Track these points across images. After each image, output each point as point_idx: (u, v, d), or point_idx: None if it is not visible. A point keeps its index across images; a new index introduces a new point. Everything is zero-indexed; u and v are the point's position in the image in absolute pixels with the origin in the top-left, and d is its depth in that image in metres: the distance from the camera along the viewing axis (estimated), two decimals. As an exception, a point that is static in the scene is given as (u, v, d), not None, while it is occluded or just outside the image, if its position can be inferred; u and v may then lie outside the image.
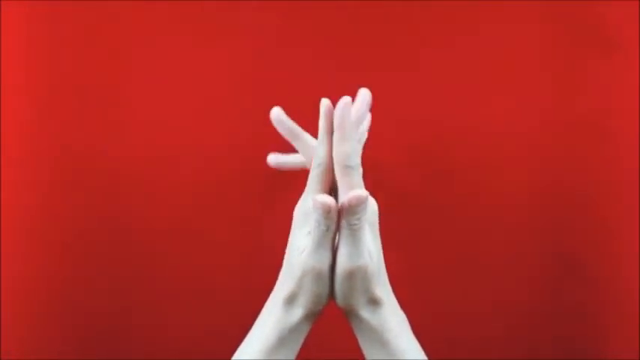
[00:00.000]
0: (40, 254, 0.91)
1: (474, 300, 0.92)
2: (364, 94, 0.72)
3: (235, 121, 0.91)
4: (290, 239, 0.61)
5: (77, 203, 0.91)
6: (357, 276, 0.58)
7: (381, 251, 0.61)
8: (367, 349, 0.61)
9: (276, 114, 0.69)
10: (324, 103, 0.59)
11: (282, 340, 0.60)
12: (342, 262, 0.58)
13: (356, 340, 0.64)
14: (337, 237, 0.59)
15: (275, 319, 0.61)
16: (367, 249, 0.58)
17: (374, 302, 0.60)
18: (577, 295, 0.92)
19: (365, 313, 0.60)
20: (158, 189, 0.91)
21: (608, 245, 0.92)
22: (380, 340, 0.60)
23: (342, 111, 0.58)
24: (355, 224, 0.57)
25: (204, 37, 0.91)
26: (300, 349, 0.63)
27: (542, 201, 0.91)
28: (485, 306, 0.92)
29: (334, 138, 0.59)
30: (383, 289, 0.61)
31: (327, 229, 0.58)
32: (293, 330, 0.60)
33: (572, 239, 0.92)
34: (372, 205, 0.61)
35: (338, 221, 0.58)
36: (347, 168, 0.58)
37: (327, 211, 0.56)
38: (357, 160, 0.59)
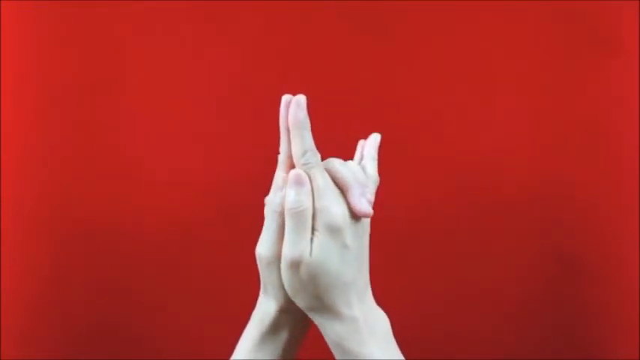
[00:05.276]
0: (40, 255, 0.91)
1: (473, 300, 0.92)
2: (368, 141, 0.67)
3: (235, 122, 0.91)
4: None
5: (77, 204, 0.91)
6: (302, 270, 0.57)
7: (365, 265, 0.60)
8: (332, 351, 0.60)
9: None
10: (283, 99, 0.59)
11: (263, 336, 0.60)
12: (284, 250, 0.58)
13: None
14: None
15: (256, 310, 0.61)
16: (307, 240, 0.56)
17: (331, 312, 0.58)
18: (577, 295, 0.92)
19: (318, 318, 0.59)
20: (158, 189, 0.91)
21: (609, 245, 0.92)
22: (340, 347, 0.59)
23: (291, 111, 0.58)
24: (293, 208, 0.57)
25: (203, 38, 0.91)
26: (300, 350, 0.63)
27: (542, 201, 0.92)
28: (485, 306, 0.92)
29: (290, 136, 0.59)
30: (351, 306, 0.58)
31: (274, 212, 0.58)
32: (272, 325, 0.60)
33: (572, 239, 0.92)
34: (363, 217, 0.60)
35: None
36: (303, 166, 0.58)
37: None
38: (313, 158, 0.59)
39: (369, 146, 0.64)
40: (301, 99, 0.59)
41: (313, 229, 0.57)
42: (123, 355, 0.91)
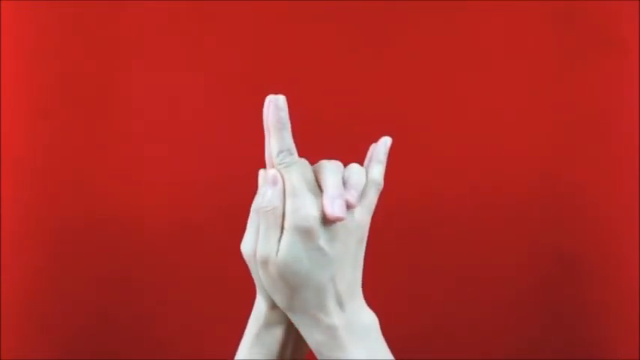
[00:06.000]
0: (40, 255, 0.91)
1: (473, 299, 0.92)
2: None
3: (235, 122, 0.91)
4: None
5: (77, 204, 0.91)
6: (270, 269, 0.57)
7: (350, 270, 0.58)
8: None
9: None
10: (266, 99, 0.60)
11: (258, 334, 0.60)
12: (257, 248, 0.58)
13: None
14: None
15: (254, 309, 0.61)
16: (276, 240, 0.56)
17: (307, 316, 0.57)
18: (577, 295, 0.92)
19: (297, 320, 0.58)
20: (158, 189, 0.91)
21: (609, 245, 0.92)
22: (319, 352, 0.58)
23: (270, 112, 0.59)
24: (262, 207, 0.57)
25: (203, 38, 0.91)
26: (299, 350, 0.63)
27: (542, 201, 0.91)
28: (485, 305, 0.92)
29: (270, 136, 0.60)
30: (328, 313, 0.57)
31: (254, 210, 0.58)
32: (266, 323, 0.60)
33: (572, 239, 0.92)
34: (359, 220, 0.59)
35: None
36: (279, 165, 0.59)
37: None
38: (287, 158, 0.59)
39: (378, 150, 0.63)
40: (280, 99, 0.59)
41: (283, 229, 0.57)
42: (123, 355, 0.91)
